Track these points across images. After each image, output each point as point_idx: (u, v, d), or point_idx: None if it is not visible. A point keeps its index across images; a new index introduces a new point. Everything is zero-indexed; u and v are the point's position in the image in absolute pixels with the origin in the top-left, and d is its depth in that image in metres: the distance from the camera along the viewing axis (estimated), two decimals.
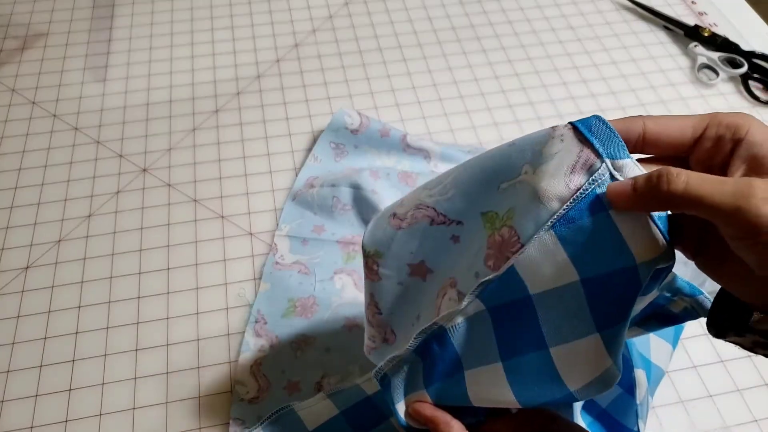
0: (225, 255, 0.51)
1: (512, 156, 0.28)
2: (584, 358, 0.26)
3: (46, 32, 0.70)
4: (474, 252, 0.29)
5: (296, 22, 0.71)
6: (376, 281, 0.33)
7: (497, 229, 0.28)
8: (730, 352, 0.46)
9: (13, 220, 0.54)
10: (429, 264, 0.32)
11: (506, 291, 0.27)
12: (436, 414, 0.30)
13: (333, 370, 0.45)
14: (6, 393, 0.44)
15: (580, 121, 0.27)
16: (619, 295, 0.25)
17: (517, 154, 0.28)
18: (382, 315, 0.33)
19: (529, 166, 0.27)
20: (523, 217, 0.26)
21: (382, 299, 0.33)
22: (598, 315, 0.26)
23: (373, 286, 0.33)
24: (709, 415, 0.44)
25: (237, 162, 0.58)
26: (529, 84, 0.65)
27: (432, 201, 0.31)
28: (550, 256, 0.26)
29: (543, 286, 0.26)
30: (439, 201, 0.31)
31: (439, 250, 0.31)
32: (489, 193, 0.29)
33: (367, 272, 0.33)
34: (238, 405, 0.43)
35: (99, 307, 0.49)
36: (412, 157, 0.57)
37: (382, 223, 0.33)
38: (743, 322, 0.24)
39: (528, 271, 0.26)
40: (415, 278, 0.32)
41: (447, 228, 0.31)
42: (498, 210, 0.28)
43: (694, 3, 0.74)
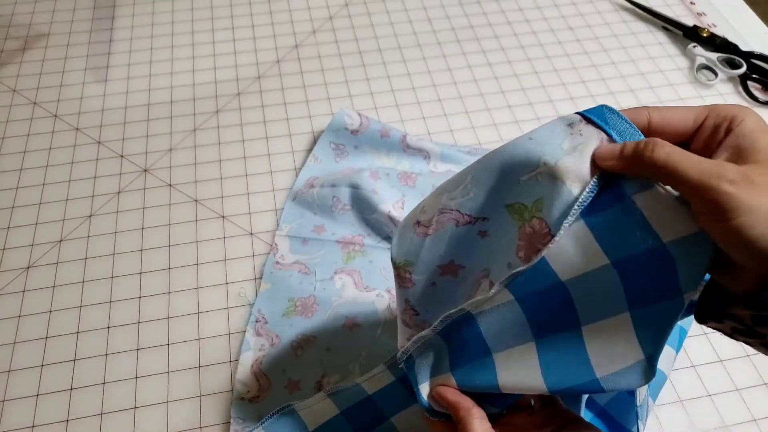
0: (225, 255, 0.52)
1: (530, 150, 0.28)
2: (614, 342, 0.27)
3: (47, 33, 0.70)
4: (505, 243, 0.29)
5: (296, 23, 0.71)
6: (410, 287, 0.33)
7: (527, 221, 0.28)
8: (729, 352, 0.47)
9: (14, 220, 0.54)
10: (459, 261, 0.32)
11: (536, 281, 0.28)
12: (459, 399, 0.31)
13: (333, 370, 0.45)
14: (7, 392, 0.44)
15: (591, 112, 0.28)
16: (652, 276, 0.26)
17: (536, 148, 0.28)
18: (420, 315, 0.33)
19: (549, 158, 0.28)
20: (552, 207, 0.27)
21: (417, 301, 0.33)
22: (632, 294, 0.26)
23: (407, 293, 0.33)
24: (709, 414, 0.44)
25: (237, 162, 0.58)
26: (528, 84, 0.65)
27: (455, 204, 0.31)
28: (580, 243, 0.27)
29: (574, 273, 0.27)
30: (462, 203, 0.31)
31: (468, 247, 0.31)
32: (510, 186, 0.29)
33: (399, 282, 0.34)
34: (239, 404, 0.43)
35: (100, 306, 0.49)
36: (411, 158, 0.57)
37: (407, 233, 0.33)
38: (722, 308, 0.25)
39: (558, 260, 0.27)
40: (447, 277, 0.32)
41: (473, 226, 0.31)
42: (524, 201, 0.29)
43: (692, 3, 0.74)
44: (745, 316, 0.24)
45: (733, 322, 0.25)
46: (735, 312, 0.24)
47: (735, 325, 0.25)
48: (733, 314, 0.24)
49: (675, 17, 0.71)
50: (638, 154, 0.24)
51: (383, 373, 0.42)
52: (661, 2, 0.74)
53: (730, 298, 0.25)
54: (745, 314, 0.24)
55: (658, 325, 0.26)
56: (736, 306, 0.24)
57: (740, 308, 0.24)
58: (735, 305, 0.24)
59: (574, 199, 0.26)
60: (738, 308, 0.24)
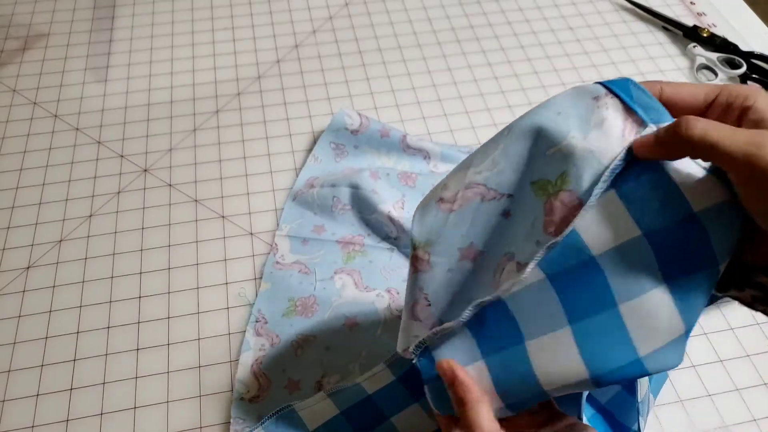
0: (225, 255, 0.52)
1: (557, 123, 0.29)
2: (654, 316, 0.26)
3: (47, 33, 0.70)
4: (529, 223, 0.29)
5: (296, 23, 0.71)
6: (426, 271, 0.32)
7: (554, 195, 0.28)
8: (729, 352, 0.47)
9: (14, 220, 0.54)
10: (479, 245, 0.31)
11: (568, 256, 0.27)
12: (471, 382, 0.29)
13: (333, 369, 0.45)
14: (7, 392, 0.44)
15: (615, 84, 0.28)
16: (686, 247, 0.26)
17: (562, 122, 0.28)
18: (431, 306, 0.32)
19: (576, 131, 0.28)
20: (581, 178, 0.27)
21: (431, 290, 0.32)
22: (665, 266, 0.26)
23: (422, 279, 0.32)
24: (708, 414, 0.44)
25: (238, 162, 0.58)
26: (528, 85, 0.65)
27: (482, 178, 0.31)
28: (611, 214, 0.26)
29: (606, 246, 0.27)
30: (488, 176, 0.30)
31: (491, 229, 0.30)
32: (536, 160, 0.29)
33: (416, 265, 0.32)
34: (239, 404, 0.43)
35: (100, 306, 0.49)
36: (411, 158, 0.57)
37: (429, 210, 0.32)
38: (746, 276, 0.25)
39: (589, 232, 0.27)
40: (465, 262, 0.31)
41: (498, 203, 0.30)
42: (548, 177, 0.28)
43: (692, 3, 0.74)
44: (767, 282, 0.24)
45: (753, 291, 0.25)
46: (759, 280, 0.25)
47: (755, 293, 0.25)
48: (756, 282, 0.25)
49: (675, 17, 0.71)
50: (673, 135, 0.25)
51: (383, 372, 0.42)
52: (661, 2, 0.74)
53: (747, 267, 0.25)
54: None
55: (694, 297, 0.26)
56: (758, 274, 0.25)
57: (762, 276, 0.24)
58: (758, 273, 0.25)
59: (603, 168, 0.27)
60: (761, 276, 0.25)
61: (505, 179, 0.30)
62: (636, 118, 0.27)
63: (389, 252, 0.51)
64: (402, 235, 0.51)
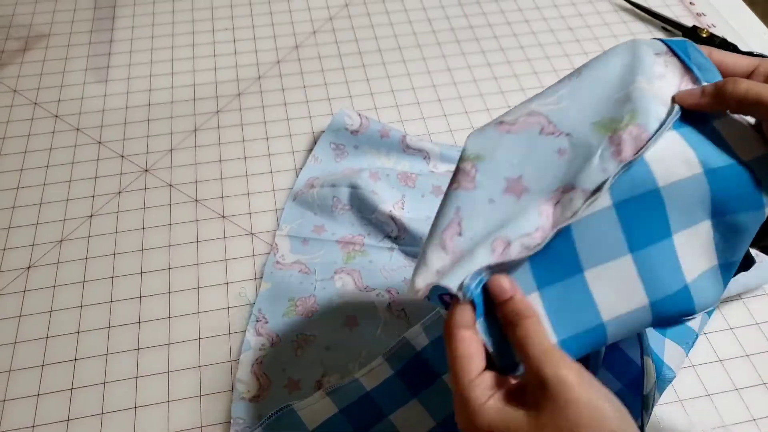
0: (226, 255, 0.52)
1: (625, 70, 0.31)
2: (699, 245, 0.29)
3: (47, 33, 0.70)
4: (594, 154, 0.29)
5: (296, 24, 0.72)
6: (468, 190, 0.30)
7: (622, 129, 0.29)
8: (728, 352, 0.47)
9: (15, 220, 0.54)
10: (527, 181, 0.30)
11: (635, 185, 0.28)
12: (525, 301, 0.27)
13: (333, 369, 0.45)
14: (8, 392, 0.45)
15: (674, 44, 0.31)
16: (739, 188, 0.29)
17: (629, 71, 0.31)
18: (462, 237, 0.29)
19: (643, 77, 0.30)
20: (648, 115, 0.29)
21: (468, 216, 0.29)
22: (718, 203, 0.29)
23: (462, 198, 0.30)
24: (708, 414, 0.44)
25: (238, 162, 0.58)
26: (527, 85, 0.65)
27: (546, 110, 0.31)
28: (675, 151, 0.28)
29: (670, 179, 0.28)
30: (552, 110, 0.31)
31: (543, 164, 0.30)
32: (602, 104, 0.30)
33: (460, 179, 0.30)
34: (239, 404, 0.43)
35: (100, 306, 0.49)
36: (411, 158, 0.57)
37: (486, 129, 0.31)
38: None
39: (657, 164, 0.28)
40: (508, 196, 0.30)
41: (555, 139, 0.30)
42: (615, 115, 0.30)
43: (692, 4, 0.74)
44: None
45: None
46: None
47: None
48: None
49: (674, 18, 0.71)
50: (720, 91, 0.28)
51: (381, 367, 0.42)
52: (661, 3, 0.74)
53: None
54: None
55: (741, 233, 0.29)
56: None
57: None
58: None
59: (667, 111, 0.29)
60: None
61: (566, 118, 0.30)
62: (691, 77, 0.30)
63: (389, 252, 0.51)
64: (404, 234, 0.51)
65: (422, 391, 0.42)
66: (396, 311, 0.48)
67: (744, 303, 0.49)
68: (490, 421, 0.25)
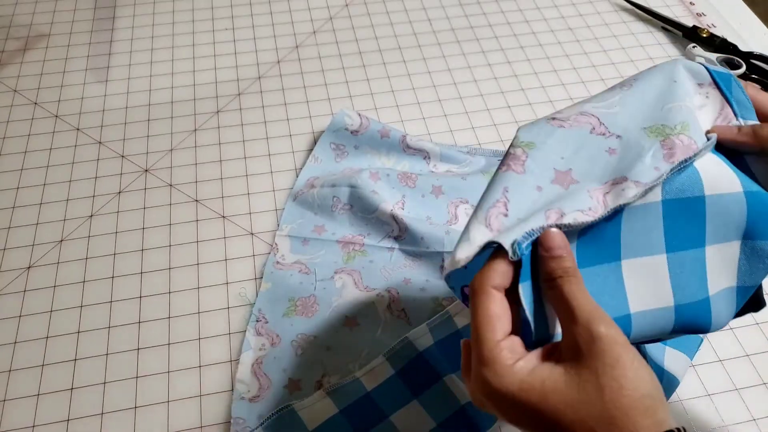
0: (226, 255, 0.52)
1: (675, 87, 0.32)
2: (726, 262, 0.30)
3: (47, 33, 0.70)
4: (646, 153, 0.30)
5: (297, 24, 0.72)
6: (518, 173, 0.30)
7: (674, 135, 0.30)
8: (728, 352, 0.47)
9: (15, 220, 0.54)
10: (576, 174, 0.30)
11: (685, 188, 0.30)
12: (575, 261, 0.27)
13: (333, 369, 0.45)
14: (8, 392, 0.45)
15: (721, 78, 0.33)
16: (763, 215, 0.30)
17: (680, 87, 0.32)
18: (508, 218, 0.29)
19: (690, 100, 0.32)
20: (697, 131, 0.31)
21: (514, 198, 0.29)
22: (752, 225, 0.30)
23: (510, 178, 0.30)
24: (708, 414, 0.44)
25: (238, 162, 0.58)
26: (527, 85, 0.65)
27: (597, 112, 0.32)
28: (720, 167, 0.30)
29: (716, 190, 0.30)
30: (604, 113, 0.32)
31: (593, 160, 0.31)
32: (652, 112, 0.32)
33: (509, 162, 0.30)
34: (239, 404, 0.43)
35: (100, 306, 0.49)
36: (411, 158, 0.57)
37: (539, 122, 0.32)
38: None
39: (705, 174, 0.30)
40: (556, 186, 0.30)
41: (605, 139, 0.31)
42: (666, 123, 0.31)
43: (692, 4, 0.74)
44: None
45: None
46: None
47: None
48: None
49: (674, 18, 0.72)
50: (756, 133, 0.30)
51: (382, 366, 0.42)
52: (661, 3, 0.74)
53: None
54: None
55: (764, 261, 0.30)
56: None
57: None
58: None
59: (708, 139, 0.31)
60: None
61: (617, 121, 0.32)
62: (730, 111, 0.32)
63: (389, 252, 0.51)
64: (404, 234, 0.51)
65: (423, 392, 0.42)
66: (396, 311, 0.48)
67: None
68: (521, 381, 0.24)
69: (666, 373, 0.42)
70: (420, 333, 0.43)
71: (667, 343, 0.44)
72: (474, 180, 0.55)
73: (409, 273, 0.50)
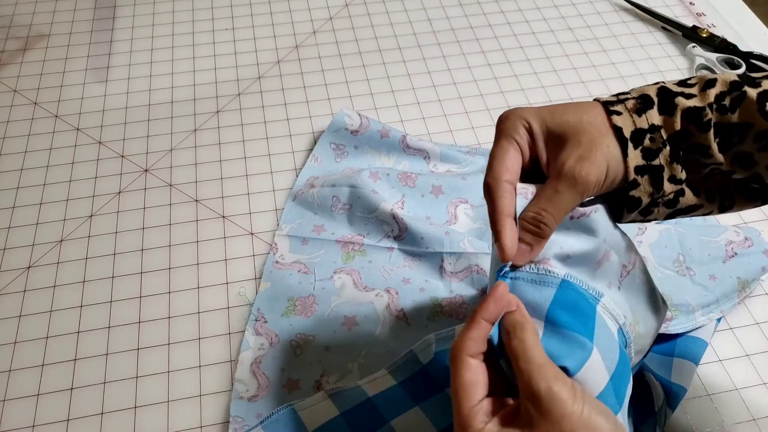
0: (226, 255, 0.52)
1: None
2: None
3: (47, 33, 0.70)
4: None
5: (297, 24, 0.72)
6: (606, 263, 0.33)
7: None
8: (728, 352, 0.47)
9: (15, 220, 0.54)
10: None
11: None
12: (526, 314, 0.28)
13: (332, 369, 0.45)
14: (8, 392, 0.45)
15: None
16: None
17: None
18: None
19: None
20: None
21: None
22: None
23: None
24: (708, 414, 0.44)
25: (238, 162, 0.58)
26: (527, 85, 0.65)
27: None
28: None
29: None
30: None
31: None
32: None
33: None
34: (238, 403, 0.43)
35: (100, 306, 0.49)
36: (411, 158, 0.57)
37: None
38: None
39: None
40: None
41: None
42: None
43: (692, 4, 0.74)
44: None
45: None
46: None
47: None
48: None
49: (674, 17, 0.71)
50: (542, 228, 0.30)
51: (384, 378, 0.42)
52: (661, 2, 0.74)
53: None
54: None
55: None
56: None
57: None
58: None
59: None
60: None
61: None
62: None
63: (389, 252, 0.51)
64: (404, 233, 0.51)
65: (425, 400, 0.41)
66: (395, 311, 0.48)
67: (744, 303, 0.49)
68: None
69: (674, 385, 0.42)
70: (426, 343, 0.43)
71: (675, 354, 0.44)
72: (474, 180, 0.55)
73: (408, 273, 0.50)
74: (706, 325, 0.45)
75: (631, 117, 0.30)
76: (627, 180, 0.30)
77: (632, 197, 0.30)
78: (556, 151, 0.30)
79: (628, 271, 0.33)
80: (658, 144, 0.29)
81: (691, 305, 0.45)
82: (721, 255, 0.48)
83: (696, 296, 0.46)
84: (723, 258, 0.48)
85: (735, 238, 0.49)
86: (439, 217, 0.53)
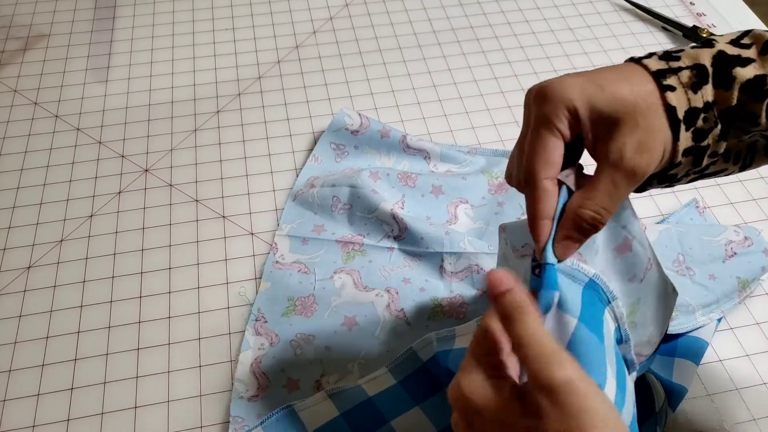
0: (226, 255, 0.52)
1: None
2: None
3: (47, 33, 0.70)
4: None
5: (297, 24, 0.72)
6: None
7: None
8: (728, 352, 0.47)
9: (15, 220, 0.54)
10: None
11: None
12: (525, 295, 0.25)
13: (332, 369, 0.45)
14: (8, 392, 0.45)
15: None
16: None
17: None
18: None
19: None
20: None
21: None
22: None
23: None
24: (708, 414, 0.44)
25: (238, 162, 0.58)
26: (527, 85, 0.65)
27: None
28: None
29: None
30: None
31: None
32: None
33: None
34: (238, 403, 0.43)
35: (101, 306, 0.49)
36: (411, 158, 0.57)
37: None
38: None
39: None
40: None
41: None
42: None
43: (692, 4, 0.74)
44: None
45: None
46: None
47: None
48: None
49: (675, 18, 0.71)
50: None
51: (384, 376, 0.42)
52: (661, 3, 0.74)
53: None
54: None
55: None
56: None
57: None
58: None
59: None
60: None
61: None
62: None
63: (389, 252, 0.51)
64: (404, 233, 0.51)
65: (425, 400, 0.41)
66: (395, 311, 0.48)
67: (744, 303, 0.49)
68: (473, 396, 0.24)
69: (675, 385, 0.42)
70: (426, 342, 0.43)
71: (677, 354, 0.44)
72: (474, 180, 0.55)
73: (408, 273, 0.50)
74: (706, 325, 0.46)
75: (686, 94, 0.27)
76: (673, 162, 0.27)
77: (669, 175, 0.28)
78: (609, 132, 0.27)
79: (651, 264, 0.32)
80: (710, 123, 0.27)
81: (691, 305, 0.45)
82: (720, 255, 0.48)
83: (696, 296, 0.46)
84: (723, 258, 0.48)
85: (735, 237, 0.49)
86: (439, 217, 0.53)
